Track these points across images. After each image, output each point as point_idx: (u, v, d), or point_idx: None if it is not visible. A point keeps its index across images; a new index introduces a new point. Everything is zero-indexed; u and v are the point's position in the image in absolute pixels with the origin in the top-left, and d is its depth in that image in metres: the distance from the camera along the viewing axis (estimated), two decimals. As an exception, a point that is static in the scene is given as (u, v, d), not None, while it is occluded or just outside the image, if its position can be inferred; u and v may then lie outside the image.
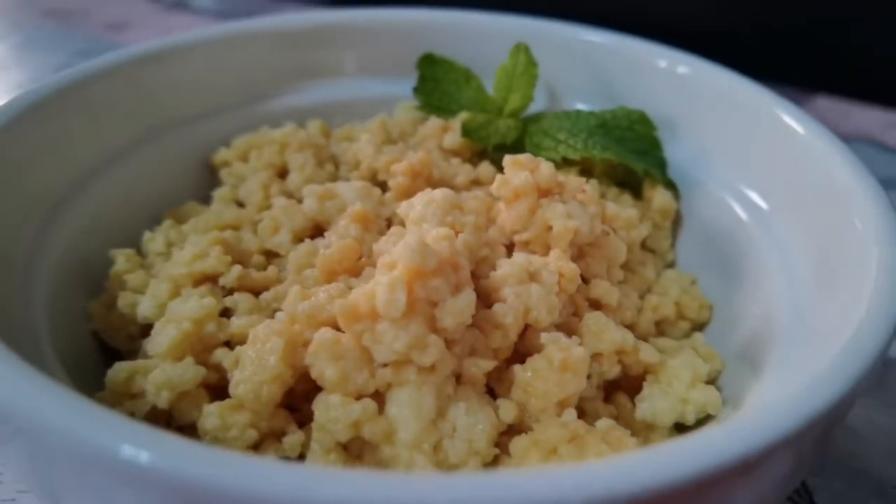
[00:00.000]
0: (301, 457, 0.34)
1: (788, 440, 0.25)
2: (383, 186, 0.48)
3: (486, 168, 0.50)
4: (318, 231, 0.44)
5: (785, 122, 0.45)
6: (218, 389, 0.35)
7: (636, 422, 0.38)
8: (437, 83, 0.57)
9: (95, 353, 0.40)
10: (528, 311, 0.35)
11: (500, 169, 0.51)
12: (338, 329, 0.33)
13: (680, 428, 0.39)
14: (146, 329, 0.39)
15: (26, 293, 0.36)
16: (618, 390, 0.40)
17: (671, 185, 0.51)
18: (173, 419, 0.34)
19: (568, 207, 0.41)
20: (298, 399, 0.35)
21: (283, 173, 0.50)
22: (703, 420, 0.38)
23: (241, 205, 0.48)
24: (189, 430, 0.34)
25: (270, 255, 0.43)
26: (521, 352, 0.37)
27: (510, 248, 0.42)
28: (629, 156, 0.50)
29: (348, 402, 0.32)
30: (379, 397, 0.33)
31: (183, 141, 0.52)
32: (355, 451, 0.33)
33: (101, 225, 0.45)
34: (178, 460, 0.22)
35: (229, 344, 0.36)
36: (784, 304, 0.38)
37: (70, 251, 0.42)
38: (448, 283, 0.33)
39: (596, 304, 0.41)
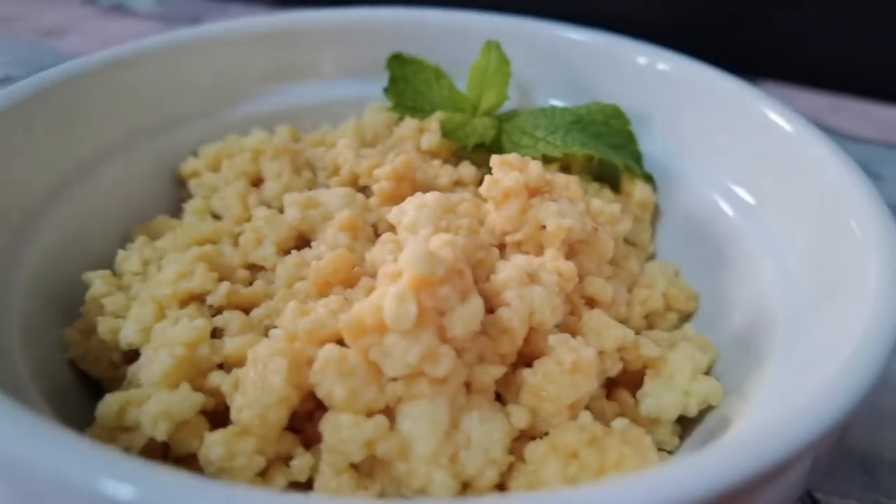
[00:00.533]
0: (310, 480, 0.32)
1: (812, 445, 0.25)
2: (365, 191, 0.46)
3: (467, 168, 0.49)
4: (302, 241, 0.42)
5: (759, 114, 0.46)
6: (214, 415, 0.33)
7: (640, 417, 0.38)
8: (408, 83, 0.56)
9: (74, 383, 0.38)
10: (533, 314, 0.35)
11: (480, 169, 0.51)
12: (341, 344, 0.32)
13: (682, 420, 0.39)
14: (130, 356, 0.37)
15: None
16: (617, 387, 0.40)
17: (649, 179, 0.51)
18: (171, 451, 0.32)
19: (560, 206, 0.40)
20: (300, 419, 0.34)
21: (257, 182, 0.48)
22: (705, 411, 0.38)
23: (216, 217, 0.46)
24: (187, 460, 0.32)
25: (254, 269, 0.41)
26: (525, 355, 0.36)
27: (501, 250, 0.41)
28: (607, 151, 0.51)
29: (360, 421, 0.31)
30: (388, 413, 0.32)
31: (147, 152, 0.49)
32: (366, 469, 0.32)
33: (66, 246, 0.42)
34: (166, 495, 0.21)
35: (222, 366, 0.34)
36: (778, 294, 0.39)
37: (37, 275, 0.39)
38: (455, 291, 0.32)
39: (591, 302, 0.41)
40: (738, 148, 0.47)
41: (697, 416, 0.38)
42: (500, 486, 0.33)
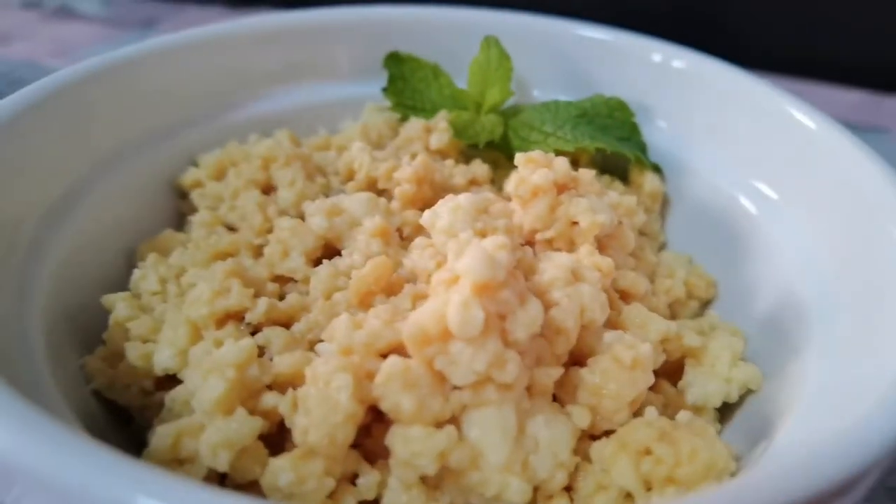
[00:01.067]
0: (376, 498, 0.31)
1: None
2: (382, 195, 0.45)
3: (480, 167, 0.49)
4: (328, 250, 0.41)
5: (764, 105, 0.47)
6: (269, 438, 0.32)
7: (685, 406, 0.38)
8: (407, 82, 0.55)
9: (100, 413, 0.35)
10: (584, 312, 0.35)
11: (493, 166, 0.51)
12: (400, 355, 0.31)
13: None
14: (163, 382, 0.35)
15: (23, 349, 0.32)
16: (658, 377, 0.40)
17: (657, 169, 0.52)
18: (229, 480, 0.30)
19: (590, 201, 0.40)
20: (359, 435, 0.32)
21: (266, 190, 0.46)
22: (744, 395, 0.39)
23: (231, 228, 0.44)
24: (248, 488, 0.30)
25: (282, 281, 0.40)
26: (575, 353, 0.36)
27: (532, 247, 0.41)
28: (615, 143, 0.51)
29: (431, 433, 0.30)
30: (453, 422, 0.31)
31: (142, 164, 0.47)
32: (433, 482, 0.32)
33: (70, 268, 0.40)
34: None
35: (271, 387, 0.33)
36: (807, 283, 0.39)
37: (50, 301, 0.36)
38: (514, 294, 0.31)
39: (625, 296, 0.41)
40: (744, 136, 0.48)
41: (738, 402, 0.39)
42: (567, 488, 0.33)
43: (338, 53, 0.57)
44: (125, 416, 0.36)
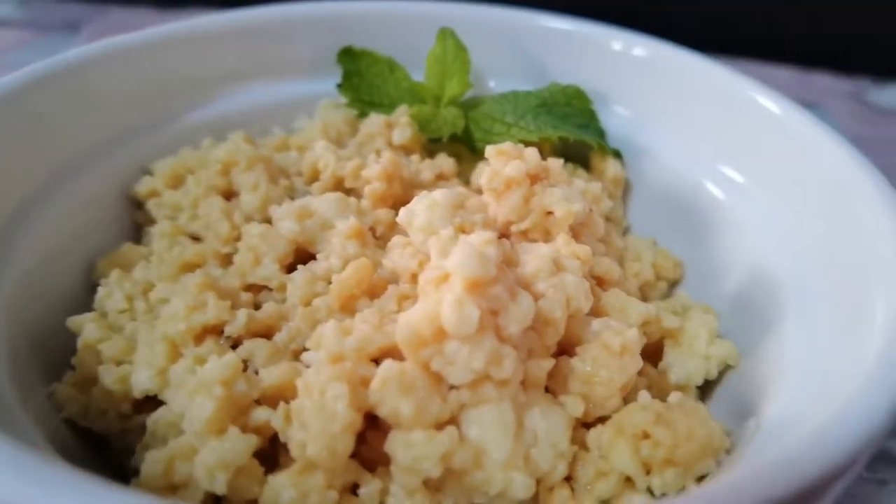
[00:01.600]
0: (379, 504, 0.31)
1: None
2: (348, 194, 0.44)
3: (445, 161, 0.48)
4: (300, 255, 0.40)
5: (717, 86, 0.49)
6: (260, 455, 0.31)
7: (668, 386, 0.39)
8: (362, 77, 0.54)
9: (73, 442, 0.33)
10: (570, 301, 0.35)
11: (456, 159, 0.51)
12: (394, 359, 0.31)
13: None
14: (141, 404, 0.33)
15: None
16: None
17: (618, 155, 0.53)
18: (226, 501, 0.29)
19: (564, 191, 0.40)
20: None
21: (227, 196, 0.44)
22: (723, 371, 0.40)
23: (195, 238, 0.42)
24: (245, 508, 0.29)
25: (254, 290, 0.38)
26: (562, 343, 0.36)
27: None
28: (576, 131, 0.51)
29: (433, 436, 0.29)
30: (452, 422, 0.31)
31: (95, 174, 0.44)
32: (435, 484, 0.31)
33: (30, 288, 0.37)
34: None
35: (259, 401, 0.32)
36: (779, 260, 0.40)
37: (8, 325, 0.34)
38: (505, 289, 0.31)
39: (601, 282, 0.41)
40: (705, 121, 0.49)
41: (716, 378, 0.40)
42: (567, 478, 0.33)
43: (289, 50, 0.55)
44: (99, 442, 0.34)
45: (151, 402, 0.33)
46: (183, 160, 0.46)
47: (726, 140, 0.48)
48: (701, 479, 0.32)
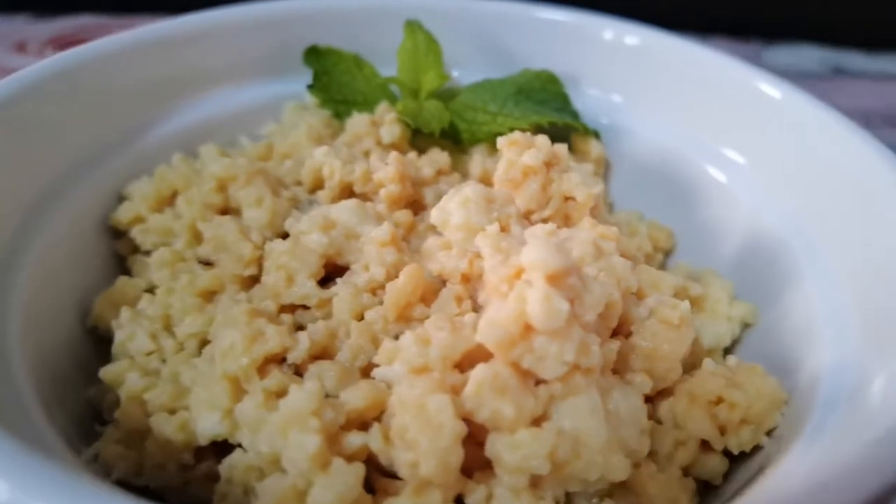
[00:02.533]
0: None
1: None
2: (359, 199, 0.42)
3: (441, 156, 0.47)
4: (327, 268, 0.38)
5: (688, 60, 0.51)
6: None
7: (702, 351, 0.41)
8: (331, 76, 0.52)
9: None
10: (620, 282, 0.35)
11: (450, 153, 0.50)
12: (478, 362, 0.30)
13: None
14: (204, 452, 0.30)
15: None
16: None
17: (597, 135, 0.54)
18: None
19: (581, 175, 0.41)
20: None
21: (224, 213, 0.41)
22: (742, 331, 0.42)
23: (207, 263, 0.39)
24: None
25: (289, 310, 0.36)
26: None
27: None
28: (555, 115, 0.52)
29: (537, 434, 0.29)
30: (543, 417, 0.31)
31: (67, 205, 0.39)
32: (534, 480, 0.31)
33: (27, 336, 0.33)
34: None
35: (343, 426, 0.30)
36: (783, 225, 0.43)
37: (19, 375, 0.30)
38: (578, 278, 0.31)
39: (621, 259, 0.42)
40: (682, 96, 0.51)
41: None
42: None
43: (244, 54, 0.52)
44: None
45: (210, 449, 0.30)
46: (163, 180, 0.42)
47: (699, 111, 0.50)
48: (770, 431, 0.34)
